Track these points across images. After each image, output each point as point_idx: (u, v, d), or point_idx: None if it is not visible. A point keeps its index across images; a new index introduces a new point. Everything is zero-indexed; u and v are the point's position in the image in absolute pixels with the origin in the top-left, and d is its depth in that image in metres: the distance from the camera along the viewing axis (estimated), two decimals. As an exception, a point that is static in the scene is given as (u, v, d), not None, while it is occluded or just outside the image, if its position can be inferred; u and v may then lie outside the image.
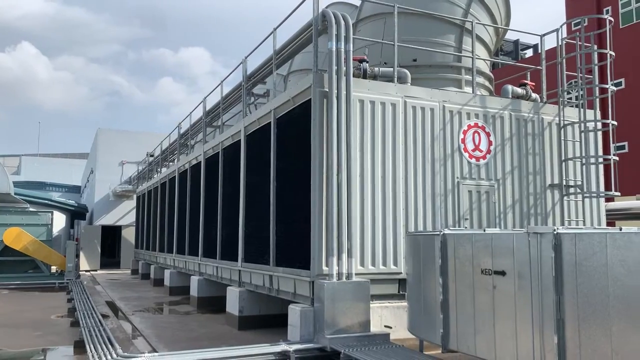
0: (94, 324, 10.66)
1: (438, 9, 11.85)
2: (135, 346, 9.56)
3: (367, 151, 9.46)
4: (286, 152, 10.31)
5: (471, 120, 10.58)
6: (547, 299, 5.32)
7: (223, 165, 14.10)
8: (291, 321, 8.85)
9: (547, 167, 11.26)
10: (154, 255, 22.94)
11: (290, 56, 12.00)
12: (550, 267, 5.28)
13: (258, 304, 11.37)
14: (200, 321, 12.44)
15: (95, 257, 30.98)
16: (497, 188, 10.64)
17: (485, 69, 12.56)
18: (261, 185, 11.16)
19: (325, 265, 8.69)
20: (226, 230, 13.46)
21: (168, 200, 20.92)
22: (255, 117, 11.79)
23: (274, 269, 10.25)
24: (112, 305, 15.43)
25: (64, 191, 47.19)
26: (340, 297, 8.36)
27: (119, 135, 35.68)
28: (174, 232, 19.20)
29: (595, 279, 4.99)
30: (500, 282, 5.91)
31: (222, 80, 15.55)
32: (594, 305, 4.98)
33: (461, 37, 11.96)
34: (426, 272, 7.27)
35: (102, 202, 34.21)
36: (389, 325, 9.02)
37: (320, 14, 9.55)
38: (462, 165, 10.36)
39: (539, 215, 11.04)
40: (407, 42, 11.00)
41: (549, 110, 11.52)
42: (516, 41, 34.07)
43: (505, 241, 5.91)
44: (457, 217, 10.15)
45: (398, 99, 9.88)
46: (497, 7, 12.71)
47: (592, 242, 5.07)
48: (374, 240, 9.30)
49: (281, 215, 10.31)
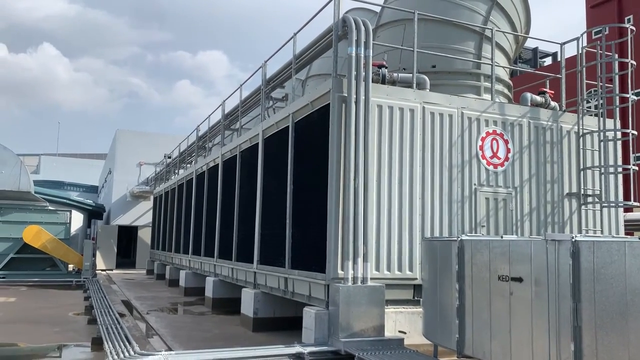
0: (111, 322, 10.81)
1: (458, 16, 11.88)
2: (151, 344, 9.68)
3: (384, 156, 9.50)
4: (304, 156, 10.39)
5: (489, 128, 10.57)
6: (564, 306, 5.31)
7: (240, 168, 14.23)
8: (306, 324, 8.91)
9: (565, 176, 11.20)
10: (170, 256, 23.14)
11: (310, 61, 12.09)
12: (568, 274, 5.28)
13: (272, 306, 11.44)
14: (214, 322, 12.55)
15: (112, 257, 31.31)
16: (515, 196, 10.61)
17: (504, 76, 12.54)
18: (278, 188, 11.25)
19: (340, 269, 8.73)
20: (242, 232, 13.57)
21: (185, 202, 21.12)
22: (273, 121, 11.89)
23: (289, 271, 10.31)
24: (128, 304, 15.61)
25: (81, 191, 47.75)
26: (355, 301, 8.39)
27: (137, 137, 36.07)
28: (190, 233, 19.36)
29: (613, 287, 4.99)
30: (517, 288, 5.91)
31: (242, 84, 15.73)
32: (611, 313, 4.97)
33: (481, 44, 11.97)
34: (442, 278, 7.28)
35: (119, 202, 34.58)
36: (404, 330, 9.03)
37: (340, 19, 9.63)
38: (480, 172, 10.35)
39: (556, 224, 10.98)
40: (426, 49, 11.03)
41: (568, 118, 11.47)
42: (535, 49, 33.85)
43: (523, 248, 5.92)
44: (473, 224, 10.14)
45: (416, 104, 9.91)
46: (517, 15, 12.69)
47: (611, 250, 5.07)
48: (390, 245, 9.33)
49: (297, 218, 10.38)
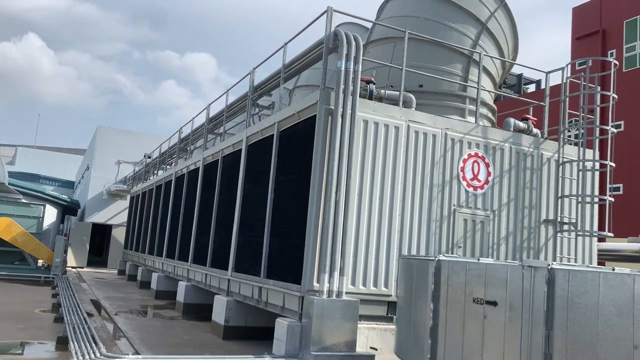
0: (78, 321, 10.59)
1: (447, 37, 12.02)
2: (118, 347, 9.49)
3: (367, 171, 9.52)
4: (287, 166, 10.36)
5: (472, 150, 10.68)
6: (536, 333, 5.35)
7: (221, 173, 14.13)
8: (277, 335, 8.82)
9: (543, 203, 11.35)
10: (143, 257, 22.82)
11: (299, 71, 12.11)
12: (543, 301, 5.32)
13: (245, 314, 11.32)
14: (185, 327, 12.37)
15: (83, 254, 30.77)
16: (493, 219, 10.71)
17: (489, 100, 12.70)
18: (258, 196, 11.19)
19: (316, 282, 8.69)
20: (219, 239, 13.44)
21: (162, 204, 20.88)
22: (258, 128, 11.86)
23: (264, 280, 10.23)
24: (97, 304, 15.32)
25: (57, 185, 46.97)
26: (329, 315, 8.35)
27: (118, 135, 35.66)
28: (165, 236, 19.13)
29: (586, 317, 5.04)
30: (491, 312, 5.94)
31: (229, 89, 15.69)
32: (582, 342, 5.02)
33: (468, 67, 12.12)
34: (418, 297, 7.29)
35: (95, 199, 34.06)
36: (375, 347, 9.00)
37: (332, 33, 9.67)
38: (460, 194, 10.43)
39: (532, 249, 11.10)
40: (414, 68, 11.13)
41: (548, 146, 11.65)
42: (520, 75, 34.40)
43: (499, 272, 5.95)
44: (450, 244, 10.19)
45: (402, 122, 9.98)
46: (505, 41, 12.90)
47: (585, 280, 5.13)
48: (367, 261, 9.32)
49: (276, 227, 10.32)
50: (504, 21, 12.79)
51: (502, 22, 12.76)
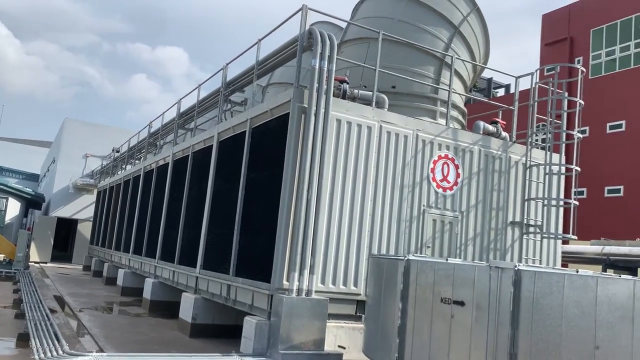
0: (40, 318, 10.33)
1: (421, 40, 12.13)
2: (81, 344, 9.29)
3: (339, 170, 9.53)
4: (258, 163, 10.30)
5: (442, 152, 10.80)
6: (502, 333, 5.44)
7: (191, 169, 13.97)
8: (245, 333, 8.77)
9: (510, 205, 11.56)
10: (109, 253, 22.40)
11: (272, 68, 12.05)
12: (509, 301, 5.41)
13: (212, 312, 11.22)
14: (151, 325, 12.19)
15: (47, 249, 30.01)
16: (461, 220, 10.85)
17: (460, 103, 12.87)
18: (229, 193, 11.09)
19: (286, 280, 8.67)
20: (187, 235, 13.29)
21: (130, 199, 20.52)
22: (230, 125, 11.75)
23: (233, 278, 10.15)
24: (60, 300, 14.97)
25: (21, 178, 45.77)
26: (298, 313, 8.34)
27: (86, 128, 34.94)
28: (132, 232, 18.81)
29: (551, 318, 5.14)
30: (458, 312, 6.01)
31: (201, 84, 15.51)
32: (546, 342, 5.12)
33: (440, 70, 12.25)
34: (386, 296, 7.33)
35: (60, 193, 33.28)
36: (343, 345, 9.03)
37: (307, 31, 9.66)
38: (430, 194, 10.54)
39: (499, 250, 11.29)
40: (388, 69, 11.20)
41: (516, 149, 11.86)
42: (490, 79, 35.03)
43: (467, 272, 6.03)
44: (419, 244, 10.30)
45: (374, 122, 10.02)
46: (477, 45, 13.08)
47: (551, 282, 5.23)
48: (337, 259, 9.33)
49: (246, 225, 10.26)
50: (476, 25, 12.97)
51: (475, 26, 12.94)
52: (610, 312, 5.06)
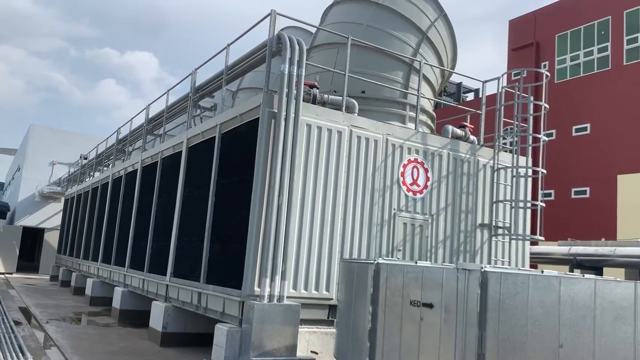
0: (4, 330, 10.06)
1: (389, 45, 12.24)
2: (48, 356, 9.06)
3: (310, 175, 9.54)
4: (228, 169, 10.24)
5: (411, 155, 10.90)
6: (470, 334, 5.50)
7: (160, 176, 13.80)
8: (217, 341, 8.68)
9: (479, 207, 11.72)
10: (77, 262, 21.95)
11: (242, 73, 12.01)
12: (476, 303, 5.48)
13: (183, 321, 11.09)
14: (120, 334, 11.97)
15: (12, 260, 29.25)
16: (431, 223, 10.96)
17: (428, 107, 13.02)
18: (199, 199, 10.99)
19: (257, 286, 8.62)
20: (157, 243, 13.11)
21: (98, 206, 20.16)
22: (199, 130, 11.66)
23: (204, 286, 10.05)
24: (26, 312, 14.59)
25: (-16, 187, 44.53)
26: (270, 320, 8.29)
27: (53, 134, 34.23)
28: (101, 240, 18.47)
29: (516, 318, 5.23)
30: (427, 314, 6.07)
31: (170, 89, 15.34)
32: (513, 342, 5.20)
33: (409, 75, 12.38)
34: (357, 300, 7.35)
35: (26, 201, 32.51)
36: (316, 350, 9.01)
37: (276, 36, 9.66)
38: (400, 198, 10.62)
39: (468, 252, 11.44)
40: (357, 74, 11.27)
41: (484, 153, 12.06)
42: (459, 84, 35.54)
43: (435, 275, 6.09)
44: (391, 247, 10.36)
45: (344, 127, 10.07)
46: (445, 50, 13.27)
47: (516, 282, 5.32)
48: (309, 265, 9.33)
49: (217, 232, 10.17)
50: (443, 31, 13.16)
51: (442, 32, 13.13)
52: (572, 311, 5.17)
